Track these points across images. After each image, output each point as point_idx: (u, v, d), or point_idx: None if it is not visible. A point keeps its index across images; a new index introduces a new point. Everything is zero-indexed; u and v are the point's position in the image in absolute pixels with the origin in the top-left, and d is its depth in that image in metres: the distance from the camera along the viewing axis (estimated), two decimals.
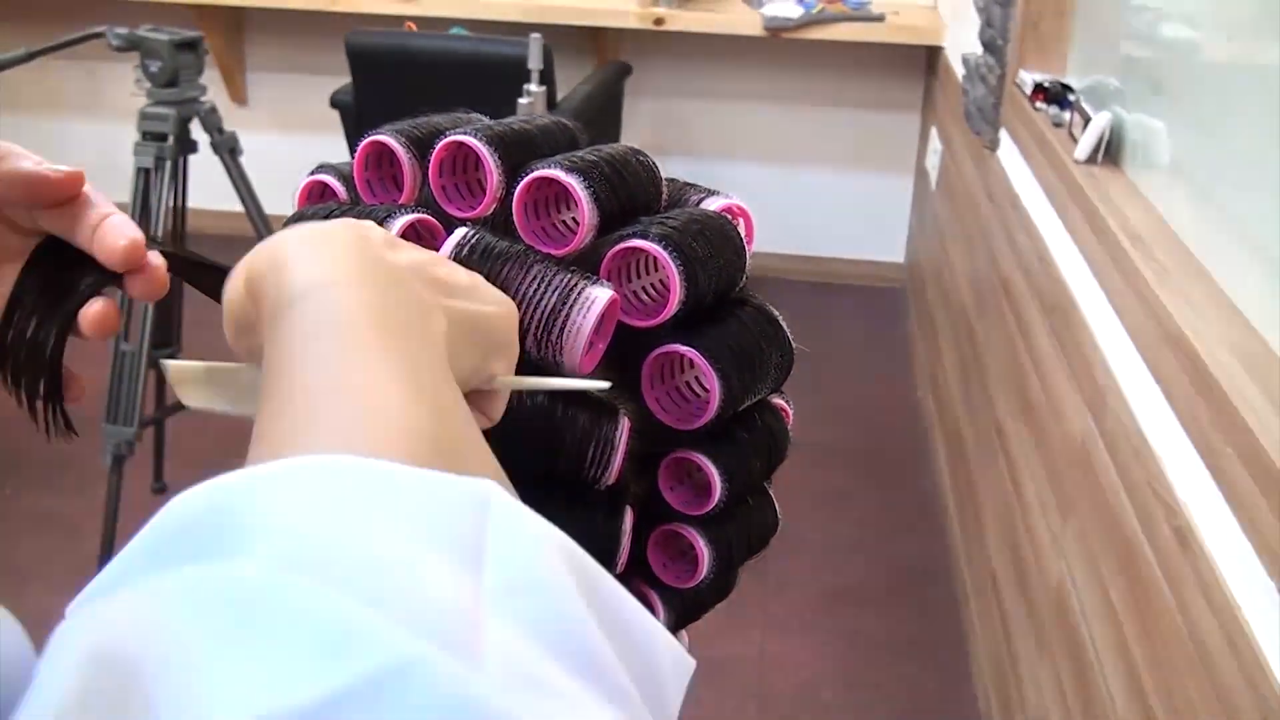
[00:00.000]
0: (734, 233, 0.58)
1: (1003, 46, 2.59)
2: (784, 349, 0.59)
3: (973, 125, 2.88)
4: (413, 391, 0.40)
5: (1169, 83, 1.89)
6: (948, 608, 2.67)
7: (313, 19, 4.12)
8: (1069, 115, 2.16)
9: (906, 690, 2.43)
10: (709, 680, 2.42)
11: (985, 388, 2.58)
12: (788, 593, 2.70)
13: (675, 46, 4.15)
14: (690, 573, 0.57)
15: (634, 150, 0.60)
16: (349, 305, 0.42)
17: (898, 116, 4.20)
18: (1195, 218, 1.66)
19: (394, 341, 0.42)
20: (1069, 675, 1.74)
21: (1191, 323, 1.40)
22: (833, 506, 3.04)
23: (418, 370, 0.41)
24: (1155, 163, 1.86)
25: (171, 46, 2.31)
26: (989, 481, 2.46)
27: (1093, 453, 1.71)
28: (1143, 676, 1.42)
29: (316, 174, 0.63)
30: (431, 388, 0.41)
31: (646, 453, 0.57)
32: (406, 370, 0.41)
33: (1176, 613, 1.33)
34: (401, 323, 0.43)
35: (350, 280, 0.43)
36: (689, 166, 4.32)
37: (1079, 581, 1.73)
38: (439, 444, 0.38)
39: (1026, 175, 2.33)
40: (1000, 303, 2.51)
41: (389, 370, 0.40)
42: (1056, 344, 2.00)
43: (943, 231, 3.46)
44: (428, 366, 0.42)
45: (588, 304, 0.51)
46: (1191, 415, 1.32)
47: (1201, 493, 1.30)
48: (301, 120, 4.30)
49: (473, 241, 0.53)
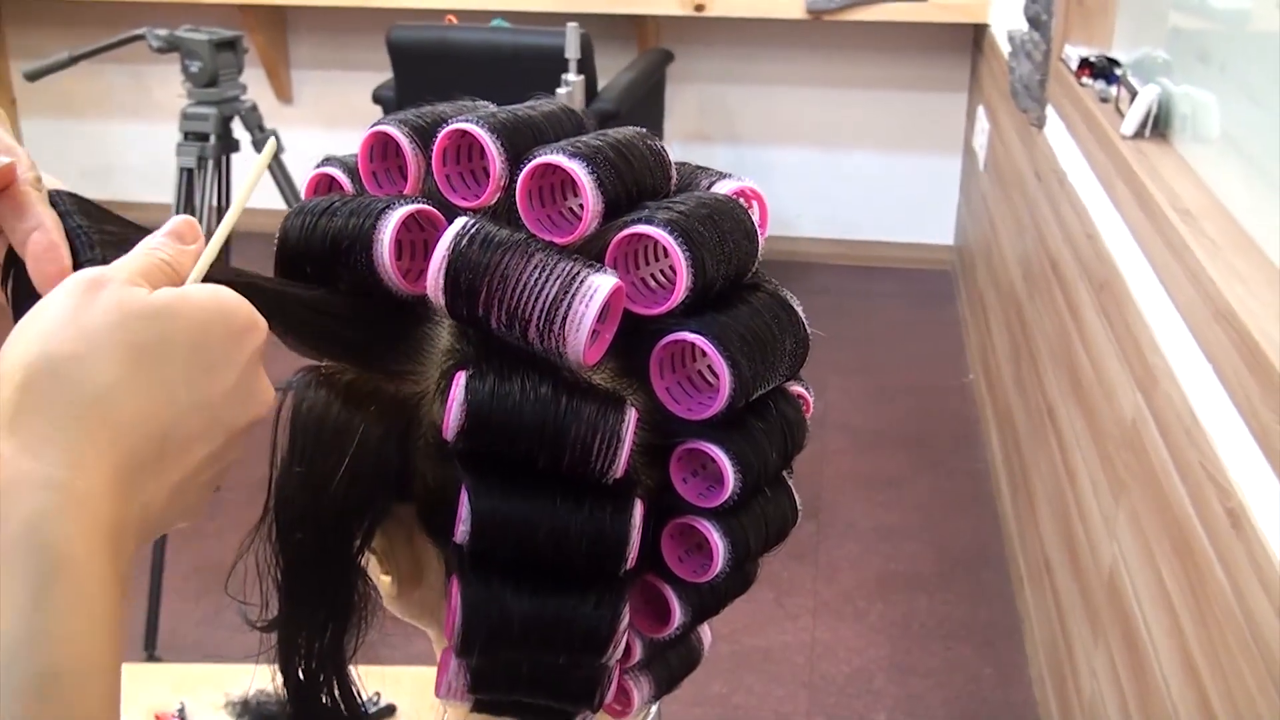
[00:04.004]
0: (745, 217, 0.57)
1: (1048, 21, 2.54)
2: (798, 335, 0.57)
3: (1019, 102, 2.83)
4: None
5: (1218, 54, 1.85)
6: (1001, 592, 2.63)
7: (354, 15, 4.14)
8: (1115, 89, 2.12)
9: (960, 677, 2.40)
10: (759, 668, 2.40)
11: (1036, 369, 2.54)
12: (839, 579, 2.68)
13: (717, 32, 4.12)
14: (706, 567, 0.56)
15: (641, 134, 0.58)
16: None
17: (944, 96, 4.15)
18: (1246, 191, 1.61)
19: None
20: (1124, 660, 1.71)
21: (1242, 299, 1.36)
22: (884, 491, 3.01)
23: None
24: (1204, 136, 1.82)
25: (211, 46, 2.32)
26: (1041, 463, 2.42)
27: (1144, 433, 1.67)
28: (1197, 660, 1.39)
29: (323, 167, 0.62)
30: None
31: (658, 444, 0.55)
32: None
33: (1230, 595, 1.29)
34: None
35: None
36: (734, 152, 4.30)
37: (1132, 565, 1.69)
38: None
39: (1074, 151, 2.29)
40: (1049, 282, 2.47)
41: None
42: (1106, 323, 1.96)
43: (991, 212, 3.42)
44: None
45: (590, 292, 0.50)
46: (1243, 393, 1.29)
47: (1254, 473, 1.27)
48: (346, 116, 4.33)
49: (473, 231, 0.52)
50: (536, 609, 0.54)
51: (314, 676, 0.58)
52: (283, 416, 0.55)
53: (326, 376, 0.56)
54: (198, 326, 0.49)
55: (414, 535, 0.58)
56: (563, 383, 0.52)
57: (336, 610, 0.57)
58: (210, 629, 2.49)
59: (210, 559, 2.62)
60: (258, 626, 0.58)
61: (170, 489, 0.48)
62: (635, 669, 0.62)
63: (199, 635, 2.47)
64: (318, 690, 0.58)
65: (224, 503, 3.30)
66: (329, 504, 0.55)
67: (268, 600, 0.57)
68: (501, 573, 0.54)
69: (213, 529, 2.81)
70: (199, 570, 2.63)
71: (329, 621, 0.57)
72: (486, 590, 0.54)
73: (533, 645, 0.55)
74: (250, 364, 0.51)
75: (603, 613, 0.54)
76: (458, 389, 0.52)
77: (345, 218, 0.55)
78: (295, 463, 0.55)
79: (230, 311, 0.50)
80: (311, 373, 0.57)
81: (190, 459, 0.49)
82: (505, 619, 0.54)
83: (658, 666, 0.63)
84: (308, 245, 0.55)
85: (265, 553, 0.57)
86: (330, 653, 0.58)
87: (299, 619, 0.57)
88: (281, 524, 0.56)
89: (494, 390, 0.52)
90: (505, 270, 0.51)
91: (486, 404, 0.52)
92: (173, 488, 0.48)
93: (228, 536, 0.56)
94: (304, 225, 0.56)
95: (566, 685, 0.57)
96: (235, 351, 0.50)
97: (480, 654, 0.55)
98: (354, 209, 0.55)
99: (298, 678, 0.58)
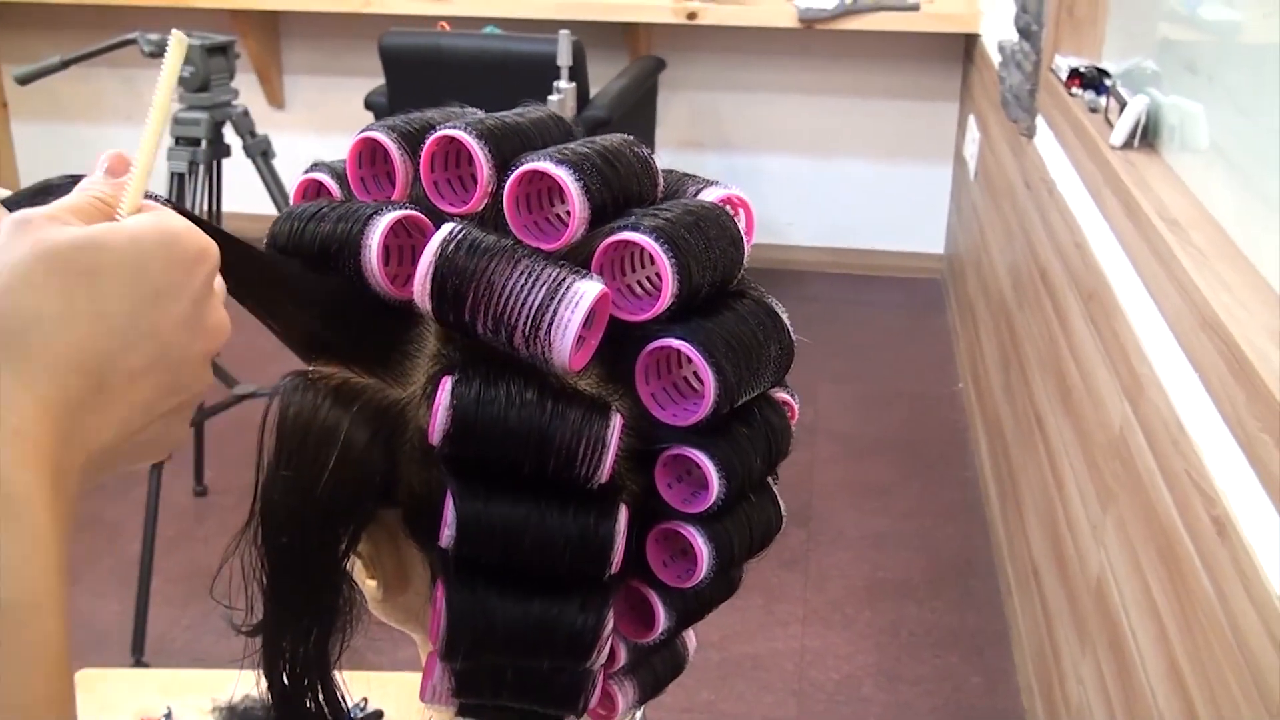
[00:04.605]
0: (731, 224, 0.57)
1: (1038, 32, 2.55)
2: (783, 341, 0.57)
3: (1009, 112, 2.84)
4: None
5: (1207, 65, 1.86)
6: (990, 600, 2.64)
7: (347, 21, 4.14)
8: (1105, 100, 2.12)
9: (949, 685, 2.40)
10: (748, 675, 2.41)
11: (1025, 377, 2.55)
12: (828, 586, 2.68)
13: (709, 40, 4.13)
14: (690, 572, 0.56)
15: (628, 141, 0.58)
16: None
17: (935, 106, 4.16)
18: (1233, 202, 1.62)
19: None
20: (1111, 668, 1.71)
21: (1229, 308, 1.37)
22: (873, 499, 3.01)
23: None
24: (1193, 146, 1.83)
25: (202, 51, 2.32)
26: (1030, 472, 2.42)
27: (1131, 441, 1.68)
28: (1183, 667, 1.40)
29: (311, 172, 0.62)
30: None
31: (643, 449, 0.56)
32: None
33: (1216, 603, 1.30)
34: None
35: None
36: (726, 160, 4.30)
37: (1119, 573, 1.70)
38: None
39: (1063, 161, 2.30)
40: (1038, 291, 2.48)
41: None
42: (1094, 332, 1.97)
43: (981, 221, 3.42)
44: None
45: (576, 298, 0.50)
46: (1229, 402, 1.29)
47: (1239, 481, 1.27)
48: (338, 122, 4.32)
49: (459, 237, 0.52)
50: (521, 613, 0.54)
51: (299, 680, 0.58)
52: (269, 420, 0.56)
53: (313, 381, 0.56)
54: (134, 256, 0.47)
55: (399, 540, 0.58)
56: (548, 388, 0.52)
57: (321, 614, 0.57)
58: (198, 634, 2.48)
59: (198, 564, 2.62)
60: (243, 631, 0.58)
61: (117, 424, 0.47)
62: (620, 674, 0.62)
63: (187, 640, 2.46)
64: (302, 694, 0.58)
65: (213, 508, 3.30)
66: (315, 507, 0.55)
67: (253, 604, 0.58)
68: (486, 577, 0.54)
69: (201, 534, 2.81)
70: (187, 576, 2.62)
71: (314, 625, 0.57)
72: (471, 595, 0.54)
73: (517, 649, 0.55)
74: (202, 292, 0.49)
75: (587, 617, 0.55)
76: (443, 394, 0.52)
77: (333, 223, 0.55)
78: (281, 466, 0.55)
79: (173, 239, 0.48)
80: (298, 377, 0.57)
81: (137, 392, 0.47)
82: (490, 623, 0.54)
83: (642, 672, 0.64)
84: (296, 250, 0.56)
85: (251, 556, 0.57)
86: (315, 657, 0.58)
87: (284, 623, 0.57)
88: (267, 527, 0.56)
89: (480, 395, 0.52)
90: (491, 276, 0.51)
91: (472, 409, 0.52)
92: (120, 422, 0.47)
93: (216, 542, 0.56)
94: (292, 230, 0.56)
95: (551, 690, 0.57)
96: (183, 279, 0.48)
97: (465, 658, 0.55)
98: (342, 214, 0.55)
99: (282, 682, 0.58)
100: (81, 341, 0.45)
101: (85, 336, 0.45)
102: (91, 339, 0.45)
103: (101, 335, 0.46)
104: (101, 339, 0.46)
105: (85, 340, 0.45)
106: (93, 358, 0.46)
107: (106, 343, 0.46)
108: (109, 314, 0.46)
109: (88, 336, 0.45)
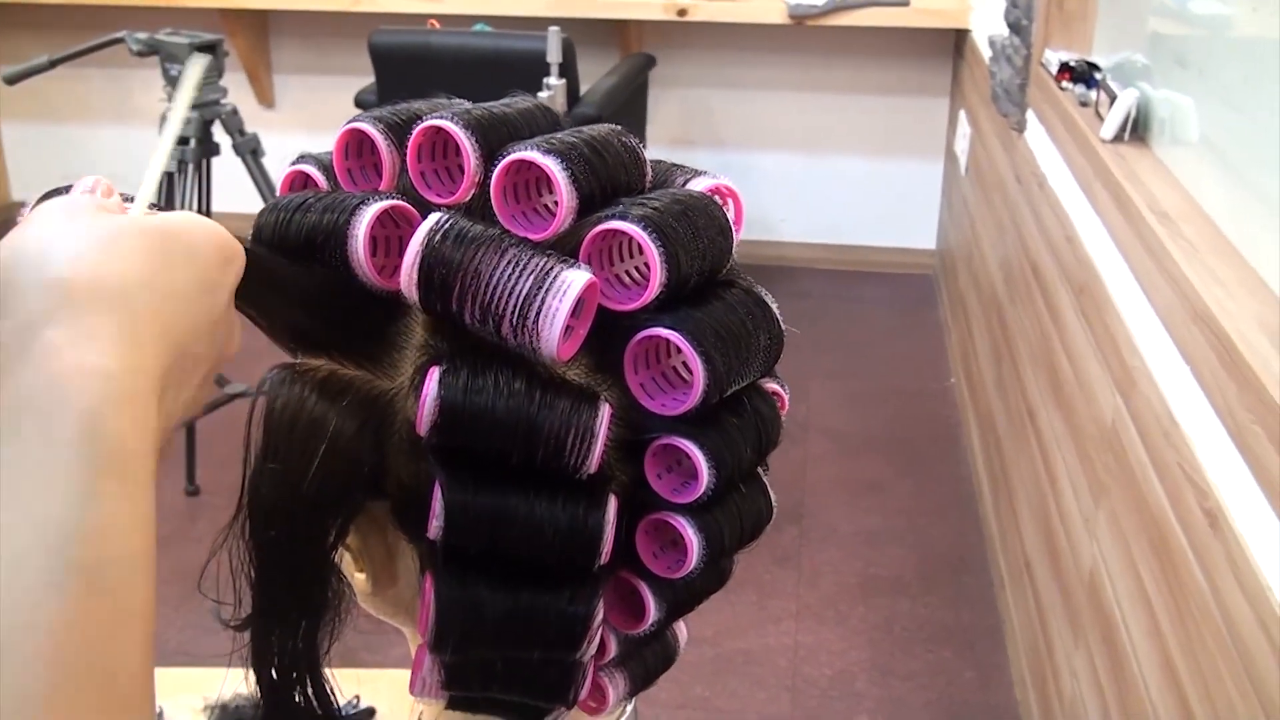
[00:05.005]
0: (719, 213, 0.57)
1: (1028, 26, 2.56)
2: (773, 331, 0.57)
3: (1000, 107, 2.84)
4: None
5: (1197, 58, 1.86)
6: (983, 595, 2.64)
7: (336, 19, 4.13)
8: (1095, 94, 2.12)
9: (942, 679, 2.40)
10: (741, 671, 2.41)
11: (1017, 372, 2.55)
12: (821, 582, 2.68)
13: (699, 37, 4.13)
14: (681, 563, 0.56)
15: (616, 130, 0.58)
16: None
17: (926, 101, 4.16)
18: (1224, 194, 1.62)
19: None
20: (1104, 661, 1.71)
21: (1220, 301, 1.37)
22: (866, 495, 3.01)
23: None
24: (1183, 140, 1.83)
25: (190, 50, 2.31)
26: (1022, 466, 2.43)
27: (1123, 434, 1.68)
28: (1176, 660, 1.40)
29: (298, 164, 0.62)
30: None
31: (632, 439, 0.55)
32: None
33: (1208, 595, 1.30)
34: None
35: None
36: (717, 157, 4.30)
37: (1112, 566, 1.70)
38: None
39: (1053, 156, 2.30)
40: (1030, 285, 2.48)
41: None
42: (1085, 325, 1.97)
43: (972, 216, 3.43)
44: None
45: (564, 288, 0.50)
46: (1220, 394, 1.29)
47: (1231, 473, 1.27)
48: (328, 121, 4.31)
49: (446, 226, 0.52)
50: (510, 605, 0.54)
51: (287, 674, 0.57)
52: (256, 413, 0.55)
53: (300, 373, 0.56)
54: (188, 246, 0.48)
55: (388, 532, 0.58)
56: (536, 378, 0.52)
57: (310, 608, 0.57)
58: (191, 634, 2.47)
59: (190, 564, 2.59)
60: (231, 625, 0.58)
61: (180, 406, 0.48)
62: (610, 665, 0.62)
63: (180, 640, 2.46)
64: (291, 689, 0.58)
65: (204, 507, 3.29)
66: (303, 500, 0.55)
67: (241, 599, 0.57)
68: (475, 569, 0.54)
69: (193, 533, 2.80)
70: (179, 575, 2.61)
71: (302, 619, 0.57)
72: (460, 586, 0.54)
73: (507, 641, 0.54)
74: (233, 294, 0.50)
75: (577, 608, 0.54)
76: (431, 384, 0.52)
77: (320, 213, 0.55)
78: (269, 459, 0.55)
79: (214, 234, 0.49)
80: (285, 369, 0.56)
81: (193, 379, 0.48)
82: (479, 615, 0.54)
83: (633, 663, 0.63)
84: (282, 241, 0.55)
85: (239, 550, 0.56)
86: (304, 651, 0.57)
87: (272, 616, 0.57)
88: (255, 521, 0.56)
89: (467, 385, 0.51)
90: (479, 266, 0.51)
91: (460, 399, 0.51)
92: (182, 405, 0.48)
93: (208, 542, 0.56)
94: (278, 221, 0.56)
95: (541, 681, 0.57)
96: (225, 276, 0.49)
97: (454, 650, 0.55)
98: (329, 205, 0.55)
99: (271, 676, 0.57)
100: (170, 318, 0.46)
101: (171, 314, 0.46)
102: (174, 316, 0.46)
103: (182, 314, 0.47)
104: (182, 317, 0.46)
105: (170, 318, 0.46)
106: (177, 335, 0.46)
107: (187, 321, 0.47)
108: (183, 296, 0.47)
109: (172, 314, 0.46)
